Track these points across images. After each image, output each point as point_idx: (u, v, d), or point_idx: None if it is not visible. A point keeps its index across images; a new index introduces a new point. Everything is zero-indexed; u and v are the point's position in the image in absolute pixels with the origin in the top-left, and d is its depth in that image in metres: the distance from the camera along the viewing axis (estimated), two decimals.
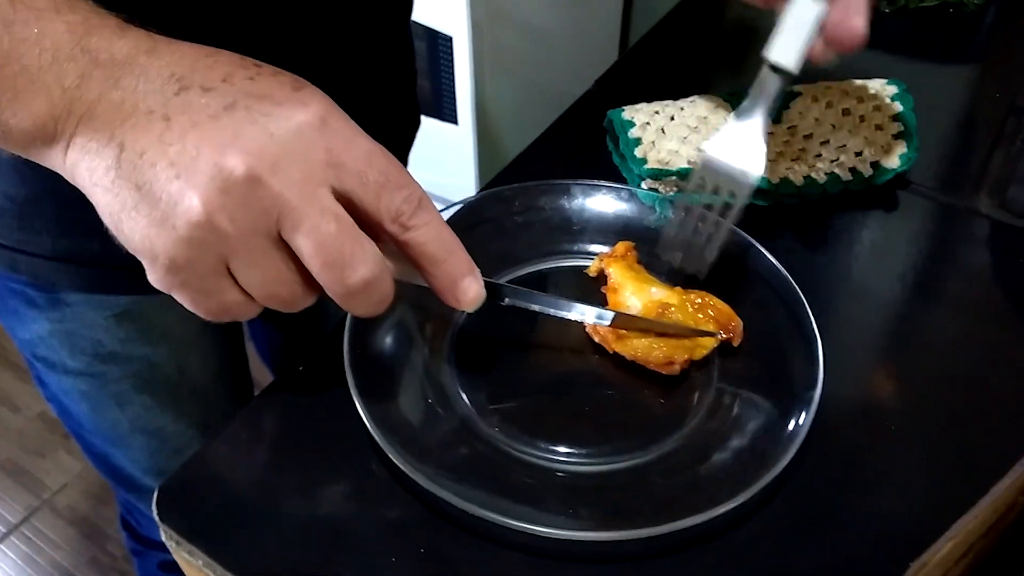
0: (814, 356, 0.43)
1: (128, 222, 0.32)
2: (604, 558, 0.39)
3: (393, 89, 0.64)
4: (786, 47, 0.40)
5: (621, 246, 0.49)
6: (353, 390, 0.41)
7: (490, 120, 1.40)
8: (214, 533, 0.40)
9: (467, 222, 0.50)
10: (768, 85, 0.42)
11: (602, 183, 0.52)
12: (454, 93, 1.36)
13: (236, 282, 0.34)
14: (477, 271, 0.38)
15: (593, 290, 0.49)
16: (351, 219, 0.33)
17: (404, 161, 0.72)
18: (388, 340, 0.45)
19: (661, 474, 0.41)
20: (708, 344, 0.45)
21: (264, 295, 0.34)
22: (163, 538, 0.41)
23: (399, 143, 0.69)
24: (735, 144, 0.43)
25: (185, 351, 0.63)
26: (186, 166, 0.31)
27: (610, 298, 0.47)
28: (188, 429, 0.68)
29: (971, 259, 0.54)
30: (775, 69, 0.41)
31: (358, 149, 0.33)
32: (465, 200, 0.51)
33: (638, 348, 0.45)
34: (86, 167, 0.32)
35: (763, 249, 0.48)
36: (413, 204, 0.34)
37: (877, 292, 0.51)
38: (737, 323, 0.46)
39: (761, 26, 0.73)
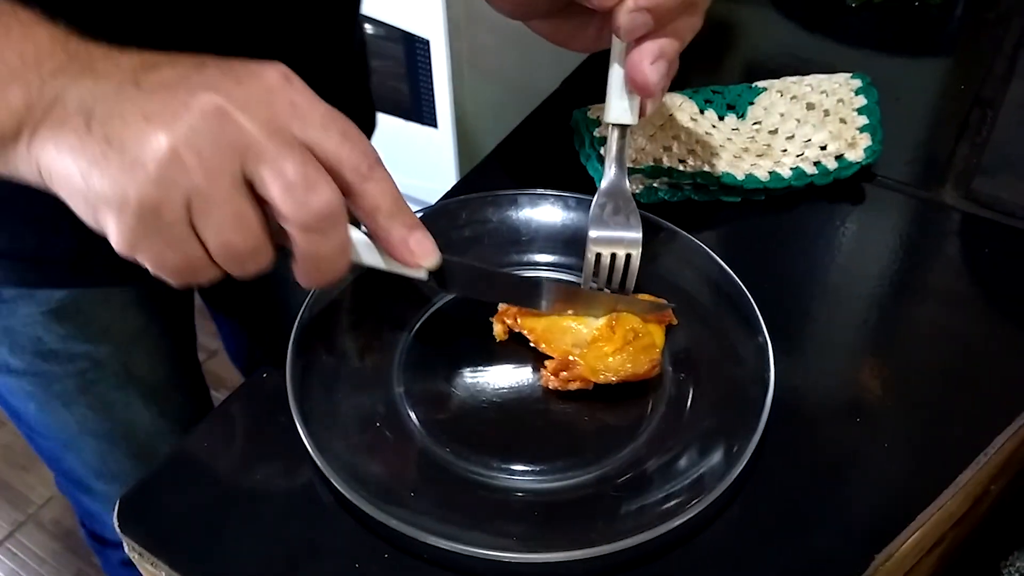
0: (765, 356, 0.43)
1: (97, 173, 0.32)
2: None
3: (345, 90, 0.64)
4: (617, 106, 0.43)
5: (506, 311, 0.47)
6: (296, 417, 0.40)
7: (470, 122, 1.40)
8: (177, 544, 0.39)
9: None
10: (618, 142, 0.45)
11: (549, 192, 0.52)
12: (433, 96, 1.35)
13: (198, 238, 0.34)
14: (428, 232, 0.39)
15: (518, 350, 0.46)
16: (314, 157, 0.34)
17: None
18: (332, 365, 0.44)
19: (621, 486, 0.40)
20: (660, 333, 0.45)
21: (222, 243, 0.34)
22: (126, 550, 0.40)
23: None
24: (613, 209, 0.45)
25: (129, 349, 0.63)
26: (155, 111, 0.32)
27: (548, 348, 0.45)
28: (138, 432, 0.67)
29: (937, 250, 0.54)
30: (618, 126, 0.45)
31: (320, 107, 0.35)
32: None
33: (612, 370, 0.43)
34: (53, 140, 0.33)
35: (708, 248, 0.48)
36: (371, 158, 0.36)
37: (843, 285, 0.51)
38: (665, 306, 0.46)
39: (729, 22, 0.74)
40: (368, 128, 0.71)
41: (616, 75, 0.42)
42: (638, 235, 0.45)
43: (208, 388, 0.78)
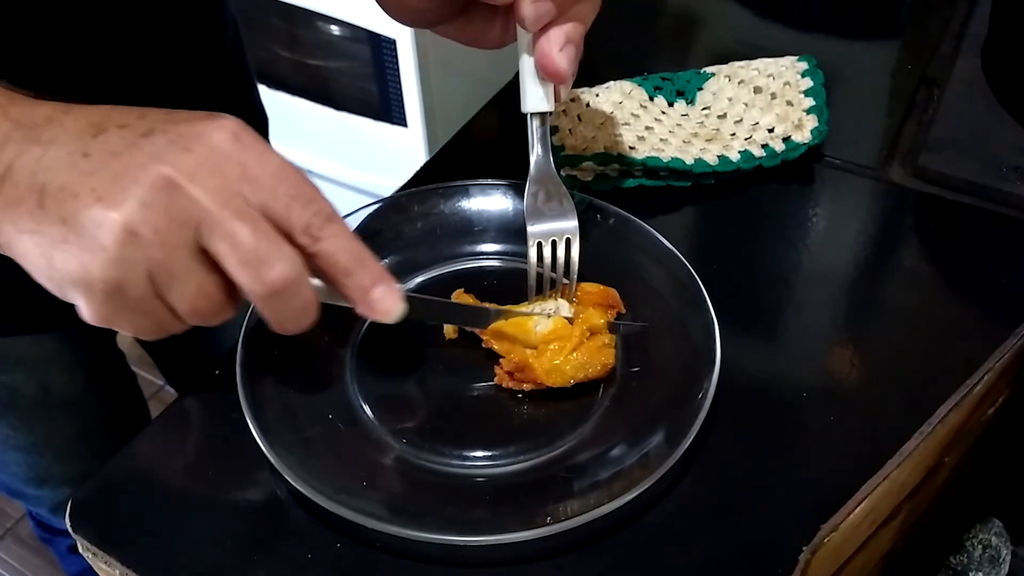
0: (711, 334, 0.43)
1: (59, 256, 0.33)
2: (523, 559, 0.39)
3: (226, 101, 0.64)
4: (533, 95, 0.44)
5: (460, 297, 0.47)
6: (246, 410, 0.41)
7: (439, 121, 1.40)
8: (130, 541, 0.39)
9: (364, 234, 0.50)
10: (539, 129, 0.45)
11: (500, 182, 0.52)
12: (401, 96, 1.35)
13: (167, 304, 0.35)
14: (392, 282, 0.39)
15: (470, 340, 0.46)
16: (267, 223, 0.34)
17: None
18: (283, 358, 0.44)
19: (571, 467, 0.41)
20: (603, 325, 0.45)
21: (188, 309, 0.35)
22: (80, 550, 0.40)
23: None
24: (545, 196, 0.46)
25: (45, 371, 0.63)
26: (106, 189, 0.32)
27: (500, 348, 0.45)
28: (63, 439, 0.68)
29: (885, 227, 0.54)
30: (537, 115, 0.45)
31: (270, 165, 0.35)
32: (357, 210, 0.51)
33: (567, 374, 0.43)
34: (10, 219, 0.33)
35: (654, 230, 0.48)
36: (323, 217, 0.36)
37: (793, 265, 0.52)
38: (612, 293, 0.47)
39: (681, 9, 0.74)
40: (258, 130, 0.70)
41: (527, 65, 0.43)
42: (574, 222, 0.45)
43: (134, 375, 0.78)
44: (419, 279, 0.50)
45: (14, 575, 1.33)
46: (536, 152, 0.45)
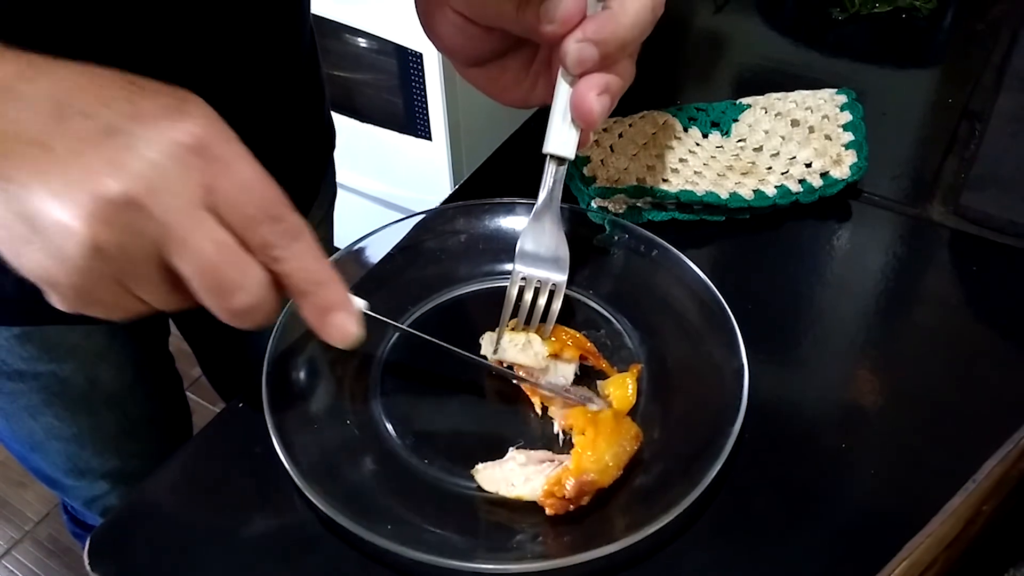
0: (740, 379, 0.42)
1: (26, 253, 0.32)
2: None
3: (300, 110, 0.63)
4: (558, 136, 0.42)
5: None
6: (276, 443, 0.40)
7: (464, 134, 1.39)
8: None
9: (405, 243, 0.50)
10: (555, 174, 0.44)
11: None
12: (427, 109, 1.35)
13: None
14: (353, 308, 0.38)
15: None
16: (233, 243, 0.33)
17: (322, 175, 0.71)
18: (310, 383, 0.44)
19: (598, 496, 0.40)
20: (622, 385, 0.44)
21: (160, 304, 0.34)
22: None
23: (313, 161, 0.69)
24: (542, 243, 0.45)
25: (95, 363, 0.63)
26: (69, 197, 0.31)
27: (555, 417, 0.44)
28: (105, 434, 0.68)
29: (925, 268, 0.53)
30: (556, 158, 0.43)
31: (237, 177, 0.33)
32: (404, 218, 0.51)
33: (616, 464, 0.40)
34: None
35: (694, 266, 0.47)
36: (287, 236, 0.35)
37: (830, 305, 0.51)
38: (588, 345, 0.46)
39: (716, 36, 0.73)
40: (327, 146, 0.70)
41: (559, 106, 0.42)
42: (563, 276, 0.44)
43: (180, 379, 0.78)
44: (457, 293, 0.50)
45: None
46: (545, 193, 0.44)
